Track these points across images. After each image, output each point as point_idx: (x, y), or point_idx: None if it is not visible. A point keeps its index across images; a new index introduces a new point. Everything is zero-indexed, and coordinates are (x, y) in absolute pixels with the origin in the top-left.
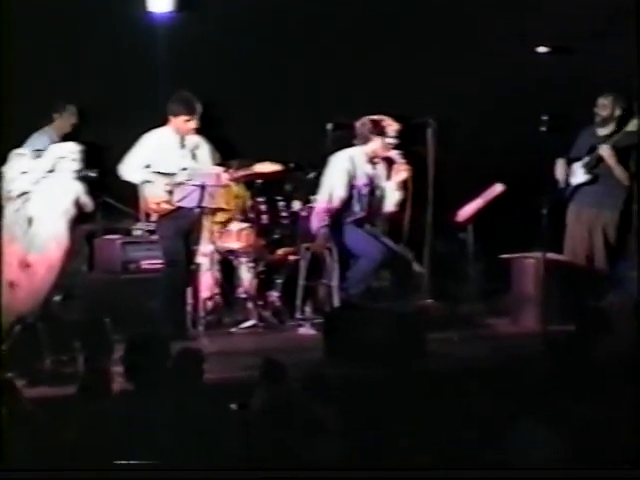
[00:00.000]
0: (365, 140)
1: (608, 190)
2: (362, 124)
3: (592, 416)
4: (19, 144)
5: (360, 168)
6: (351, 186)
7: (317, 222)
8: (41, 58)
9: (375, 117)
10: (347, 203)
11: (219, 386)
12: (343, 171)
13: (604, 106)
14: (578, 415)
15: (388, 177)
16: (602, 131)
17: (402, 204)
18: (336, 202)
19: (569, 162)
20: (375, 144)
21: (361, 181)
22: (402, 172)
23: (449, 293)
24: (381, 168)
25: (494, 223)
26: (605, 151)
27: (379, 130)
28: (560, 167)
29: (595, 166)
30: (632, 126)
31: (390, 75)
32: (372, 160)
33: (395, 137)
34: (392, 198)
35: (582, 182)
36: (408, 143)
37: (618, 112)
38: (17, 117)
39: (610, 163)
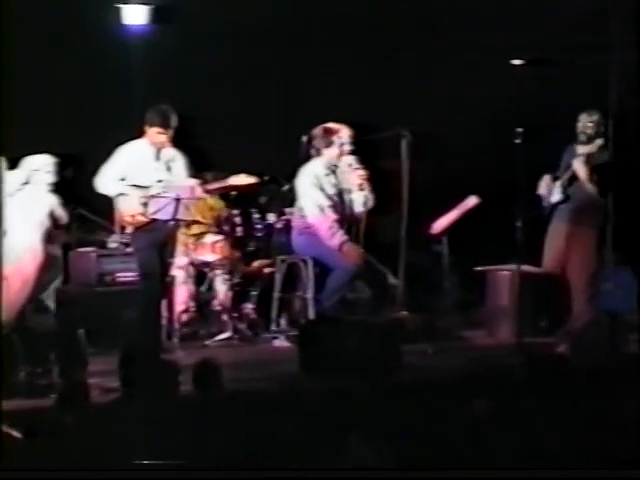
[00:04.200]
0: (318, 152)
1: (582, 206)
2: (314, 135)
3: (590, 418)
4: None
5: (324, 179)
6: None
7: (337, 239)
8: (13, 70)
9: (326, 125)
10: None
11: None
12: (312, 186)
13: (590, 125)
14: (577, 416)
15: (350, 180)
16: (583, 149)
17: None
18: (329, 213)
19: (554, 179)
20: (329, 153)
21: (330, 191)
22: (358, 177)
23: (424, 305)
24: (341, 172)
25: (469, 235)
26: (576, 165)
27: (329, 140)
28: (544, 183)
29: (569, 184)
30: (598, 142)
31: (365, 87)
32: (331, 168)
33: (349, 143)
34: (357, 199)
35: (557, 201)
36: (382, 154)
37: (602, 129)
38: None
39: (581, 178)
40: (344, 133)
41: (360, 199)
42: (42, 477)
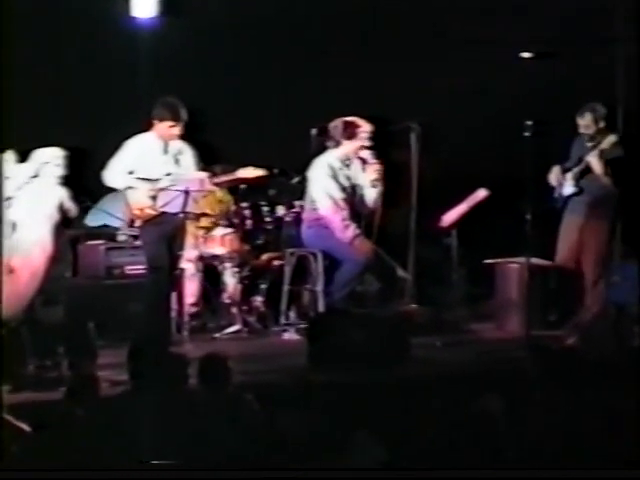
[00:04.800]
0: (337, 143)
1: (596, 199)
2: (334, 127)
3: (589, 417)
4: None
5: (339, 172)
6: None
7: (350, 232)
8: (22, 63)
9: (347, 119)
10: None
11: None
12: (327, 177)
13: (586, 126)
14: (576, 415)
15: (363, 175)
16: (595, 144)
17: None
18: (343, 205)
19: (564, 171)
20: (347, 147)
21: (343, 184)
22: (374, 172)
23: (433, 298)
24: (355, 168)
25: (478, 228)
26: (592, 159)
27: (350, 132)
28: (554, 174)
29: (581, 177)
30: (612, 138)
31: (374, 79)
32: (346, 162)
33: (368, 138)
34: (368, 196)
35: (570, 194)
36: (391, 147)
37: (602, 125)
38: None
39: (596, 171)
40: (366, 127)
41: (372, 195)
42: (42, 477)
